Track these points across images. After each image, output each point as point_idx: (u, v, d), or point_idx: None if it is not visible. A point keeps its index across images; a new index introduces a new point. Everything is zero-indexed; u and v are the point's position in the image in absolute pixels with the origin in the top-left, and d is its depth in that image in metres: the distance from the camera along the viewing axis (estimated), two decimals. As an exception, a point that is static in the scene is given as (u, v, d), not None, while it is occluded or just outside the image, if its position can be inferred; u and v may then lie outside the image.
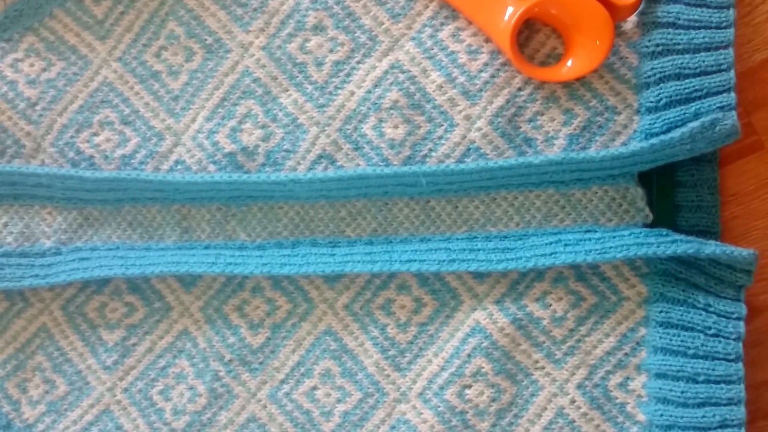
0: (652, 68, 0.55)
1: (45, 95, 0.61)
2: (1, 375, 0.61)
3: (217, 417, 0.60)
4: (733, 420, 0.52)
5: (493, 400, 0.57)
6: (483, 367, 0.57)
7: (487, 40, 0.57)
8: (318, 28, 0.59)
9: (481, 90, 0.57)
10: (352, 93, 0.58)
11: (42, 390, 0.61)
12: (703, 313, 0.54)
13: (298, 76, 0.59)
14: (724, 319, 0.53)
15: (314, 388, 0.59)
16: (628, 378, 0.56)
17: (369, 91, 0.58)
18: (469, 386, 0.57)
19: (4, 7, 0.61)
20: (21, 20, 0.61)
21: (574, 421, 0.56)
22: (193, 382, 0.60)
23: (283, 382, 0.59)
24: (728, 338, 0.53)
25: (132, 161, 0.60)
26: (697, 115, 0.54)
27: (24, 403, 0.61)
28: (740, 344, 0.53)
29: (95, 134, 0.61)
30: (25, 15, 0.61)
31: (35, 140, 0.61)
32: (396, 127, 0.58)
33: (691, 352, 0.54)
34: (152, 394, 0.60)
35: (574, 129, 0.56)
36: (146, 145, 0.60)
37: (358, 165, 0.58)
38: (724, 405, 0.52)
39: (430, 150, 0.57)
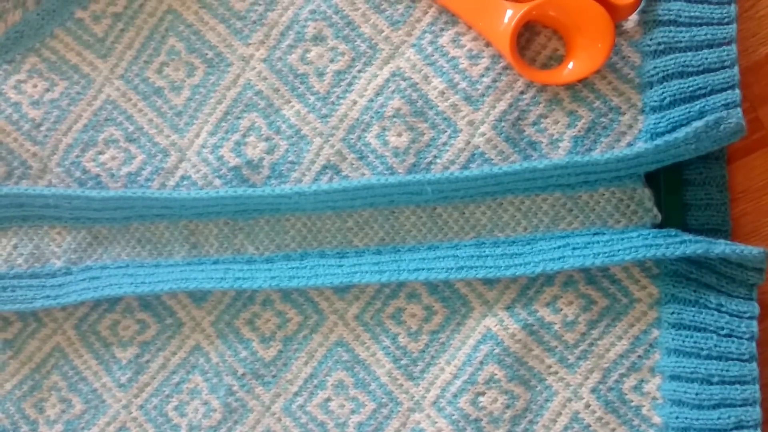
0: (655, 67, 0.54)
1: (49, 115, 0.61)
2: (18, 395, 0.62)
3: (232, 431, 0.60)
4: (748, 421, 0.52)
5: (508, 406, 0.56)
6: (496, 374, 0.56)
7: (488, 45, 0.56)
8: (318, 39, 0.58)
9: (484, 95, 0.56)
10: (355, 102, 0.58)
11: (59, 409, 0.61)
12: (716, 313, 0.53)
13: (299, 88, 0.59)
14: (736, 318, 0.53)
15: (328, 399, 0.59)
16: (642, 380, 0.56)
17: (371, 100, 0.58)
18: (483, 393, 0.57)
19: (5, 29, 0.61)
20: (22, 41, 0.61)
21: (590, 426, 0.56)
22: (208, 397, 0.60)
23: (296, 394, 0.59)
24: (741, 338, 0.53)
25: (138, 178, 0.60)
26: (702, 113, 0.53)
27: (41, 423, 0.61)
28: (754, 344, 0.52)
29: (101, 153, 0.61)
30: (26, 36, 0.61)
31: (41, 161, 0.61)
32: (399, 135, 0.57)
33: (704, 353, 0.53)
34: (167, 411, 0.61)
35: (579, 131, 0.56)
36: (152, 162, 0.60)
37: (363, 174, 0.58)
38: (739, 406, 0.52)
39: (435, 157, 0.57)
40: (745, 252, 0.52)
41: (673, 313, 0.55)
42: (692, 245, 0.52)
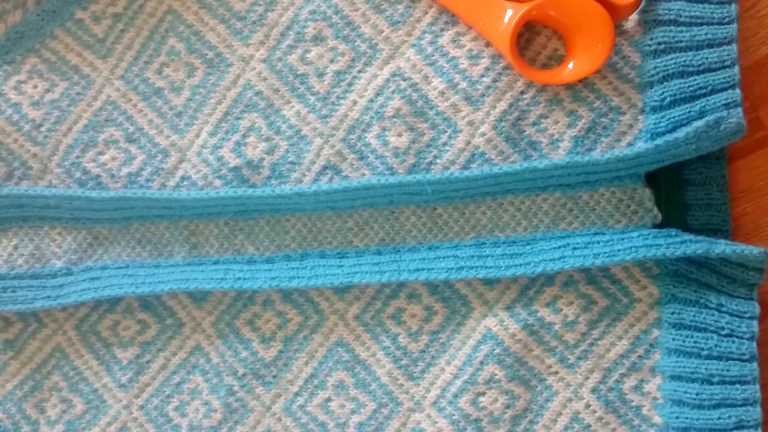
0: (656, 67, 0.54)
1: (49, 116, 0.61)
2: (18, 396, 0.62)
3: (233, 431, 0.60)
4: (749, 421, 0.51)
5: (508, 406, 0.56)
6: (496, 374, 0.56)
7: (488, 45, 0.56)
8: (318, 39, 0.58)
9: (484, 95, 0.56)
10: (355, 103, 0.58)
11: (60, 409, 0.61)
12: (716, 313, 0.53)
13: (299, 88, 0.59)
14: (737, 318, 0.53)
15: (328, 399, 0.59)
16: (642, 380, 0.56)
17: (371, 100, 0.58)
18: (483, 393, 0.57)
19: (5, 29, 0.61)
20: (22, 42, 0.61)
21: (590, 426, 0.56)
22: (208, 397, 0.60)
23: (297, 394, 0.59)
24: (742, 338, 0.52)
25: (138, 179, 0.60)
26: (702, 113, 0.53)
27: (42, 423, 0.61)
28: (754, 344, 0.52)
29: (101, 153, 0.61)
30: (27, 36, 0.61)
31: (42, 161, 0.61)
32: (400, 135, 0.57)
33: (704, 353, 0.53)
34: (168, 411, 0.61)
35: (579, 131, 0.56)
36: (152, 163, 0.60)
37: (363, 175, 0.58)
38: (740, 406, 0.52)
39: (435, 157, 0.57)
40: (745, 252, 0.52)
41: (673, 313, 0.55)
42: (692, 245, 0.52)
